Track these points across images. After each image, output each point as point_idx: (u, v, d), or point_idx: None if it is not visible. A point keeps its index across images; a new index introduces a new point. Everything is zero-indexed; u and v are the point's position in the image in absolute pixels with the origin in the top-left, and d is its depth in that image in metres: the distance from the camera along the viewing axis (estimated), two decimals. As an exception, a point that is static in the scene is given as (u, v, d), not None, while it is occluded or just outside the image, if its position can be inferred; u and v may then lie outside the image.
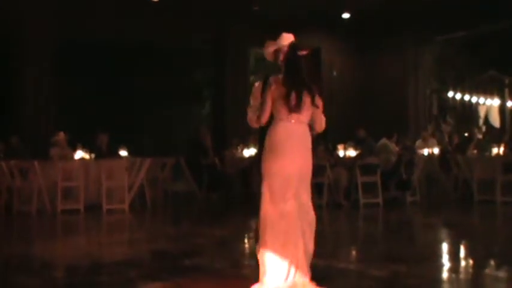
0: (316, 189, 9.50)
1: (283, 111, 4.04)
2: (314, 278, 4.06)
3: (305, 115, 4.09)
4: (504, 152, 10.89)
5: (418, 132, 14.69)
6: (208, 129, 13.06)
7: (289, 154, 3.99)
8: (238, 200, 11.66)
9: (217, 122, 14.85)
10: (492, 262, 5.55)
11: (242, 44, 14.79)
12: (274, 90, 4.04)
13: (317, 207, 4.28)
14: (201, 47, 15.15)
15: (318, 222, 4.13)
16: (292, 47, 4.12)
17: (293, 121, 4.04)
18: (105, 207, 9.58)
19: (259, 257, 4.01)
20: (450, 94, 19.15)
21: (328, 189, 10.11)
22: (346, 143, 11.14)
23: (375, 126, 12.44)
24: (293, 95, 4.02)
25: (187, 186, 11.93)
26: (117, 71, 13.84)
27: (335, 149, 11.16)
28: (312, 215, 4.07)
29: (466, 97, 19.56)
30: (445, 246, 6.62)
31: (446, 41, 16.66)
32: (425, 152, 12.58)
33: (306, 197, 4.05)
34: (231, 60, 14.88)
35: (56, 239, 7.67)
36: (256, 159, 4.28)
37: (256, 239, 4.08)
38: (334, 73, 15.81)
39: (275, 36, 4.24)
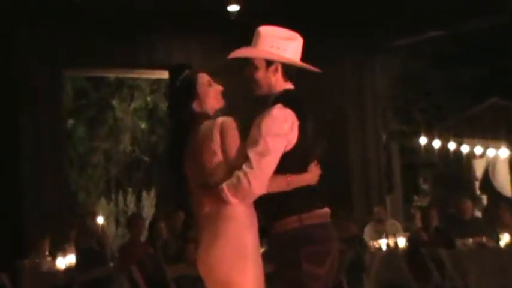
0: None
1: None
2: None
3: None
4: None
5: (368, 211, 15.01)
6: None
7: None
8: None
9: (7, 206, 14.59)
10: None
11: (50, 64, 14.86)
12: None
13: None
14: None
15: None
16: None
17: None
18: None
19: None
20: (423, 141, 19.65)
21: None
22: None
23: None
24: None
25: None
26: None
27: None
28: None
29: (451, 145, 20.06)
30: None
31: (414, 48, 17.11)
32: (383, 244, 12.77)
33: None
34: (32, 93, 14.90)
35: None
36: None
37: None
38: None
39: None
